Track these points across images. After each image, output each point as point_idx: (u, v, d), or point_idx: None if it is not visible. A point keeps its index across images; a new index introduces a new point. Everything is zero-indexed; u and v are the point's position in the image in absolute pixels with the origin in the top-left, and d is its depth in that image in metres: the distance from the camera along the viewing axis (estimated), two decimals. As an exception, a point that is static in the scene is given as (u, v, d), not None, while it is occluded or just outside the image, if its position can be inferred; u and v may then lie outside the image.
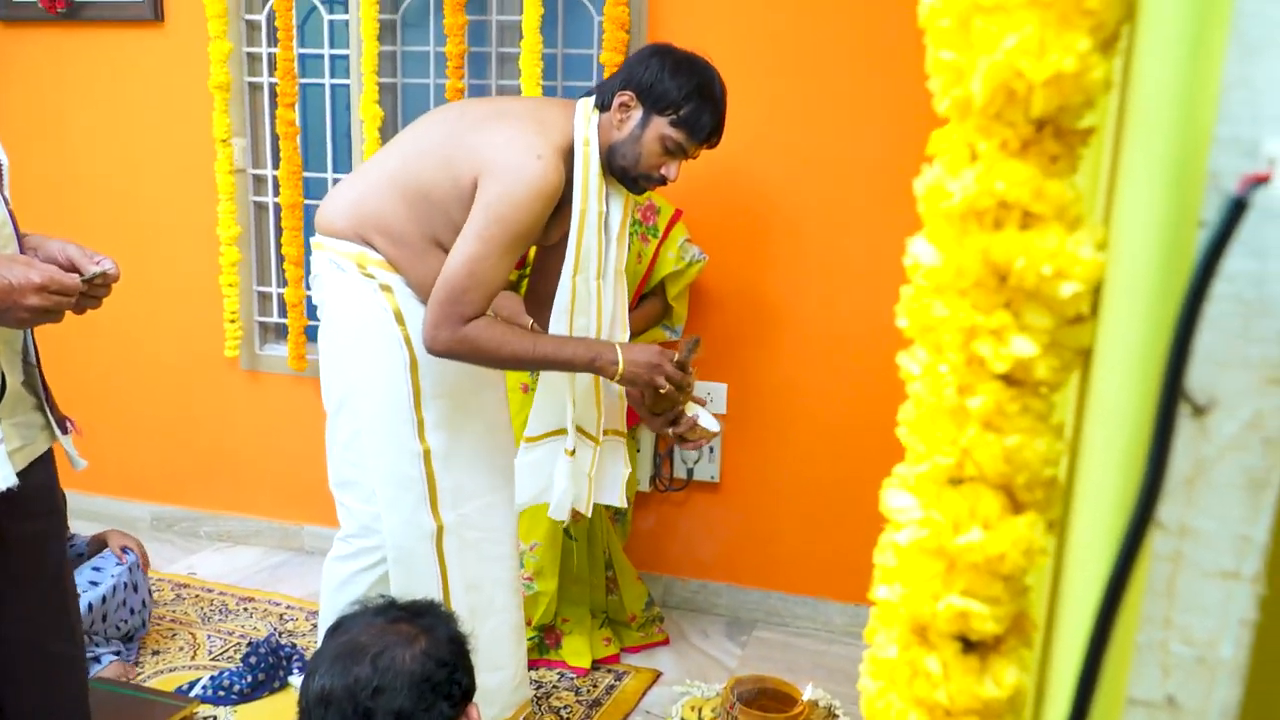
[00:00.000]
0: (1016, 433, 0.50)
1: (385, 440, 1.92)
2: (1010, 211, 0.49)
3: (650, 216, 2.65)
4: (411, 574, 1.95)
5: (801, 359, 2.86)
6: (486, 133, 1.83)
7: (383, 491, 1.94)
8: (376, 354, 1.90)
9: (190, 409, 3.37)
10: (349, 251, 1.88)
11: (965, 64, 0.49)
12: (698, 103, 1.83)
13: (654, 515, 3.05)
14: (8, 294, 1.29)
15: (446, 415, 1.95)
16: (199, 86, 3.11)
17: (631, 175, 1.88)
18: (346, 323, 1.91)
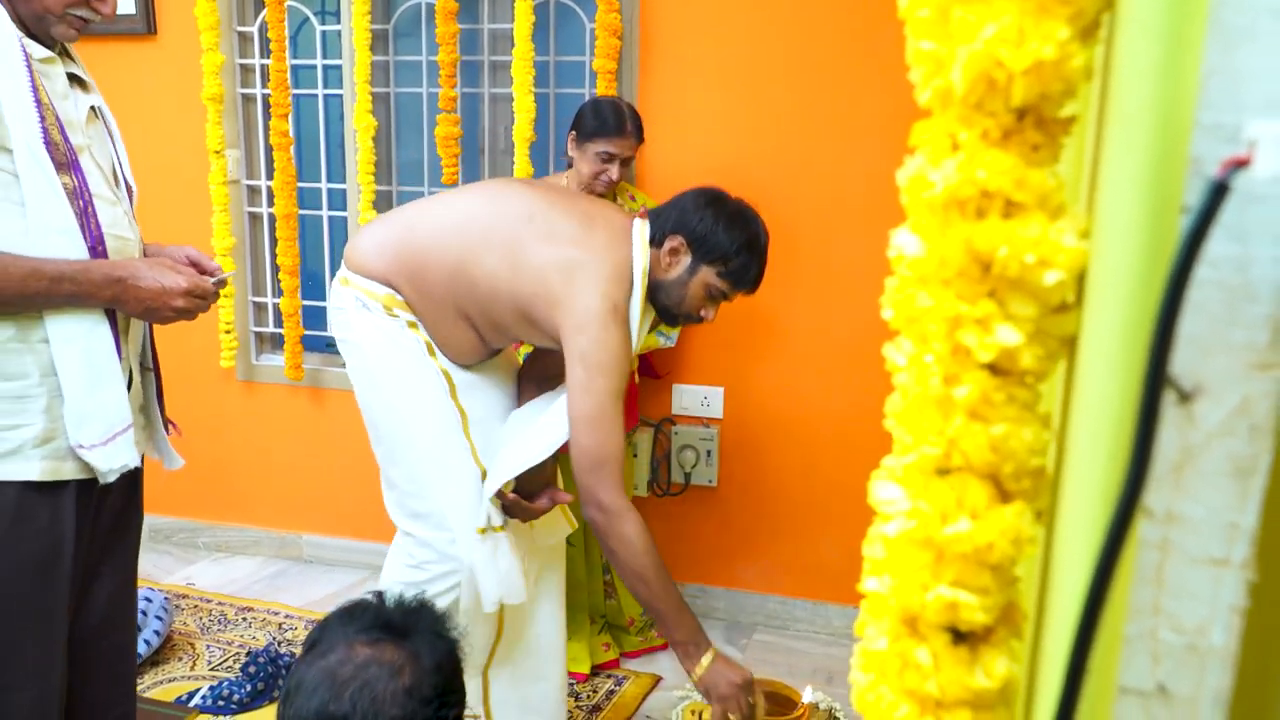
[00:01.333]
0: (1003, 422, 0.50)
1: (446, 468, 1.91)
2: (992, 200, 0.49)
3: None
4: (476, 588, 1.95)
5: (797, 362, 2.86)
6: (564, 259, 1.81)
7: (454, 517, 1.92)
8: (418, 386, 1.90)
9: (187, 420, 3.35)
10: (376, 292, 1.89)
11: (945, 54, 0.49)
12: (747, 257, 1.88)
13: (652, 520, 3.04)
14: (159, 296, 1.49)
15: (492, 435, 1.96)
16: (192, 99, 3.11)
17: (673, 313, 1.94)
18: (383, 360, 1.91)
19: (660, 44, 2.82)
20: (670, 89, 2.83)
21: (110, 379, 1.49)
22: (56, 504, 1.49)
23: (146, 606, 2.70)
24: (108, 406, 1.49)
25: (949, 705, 0.53)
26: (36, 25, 1.47)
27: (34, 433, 1.44)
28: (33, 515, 1.46)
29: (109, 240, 1.50)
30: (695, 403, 2.95)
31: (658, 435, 2.96)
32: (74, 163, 1.45)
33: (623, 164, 2.51)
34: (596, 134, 2.47)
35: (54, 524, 1.49)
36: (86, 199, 1.46)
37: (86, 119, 1.55)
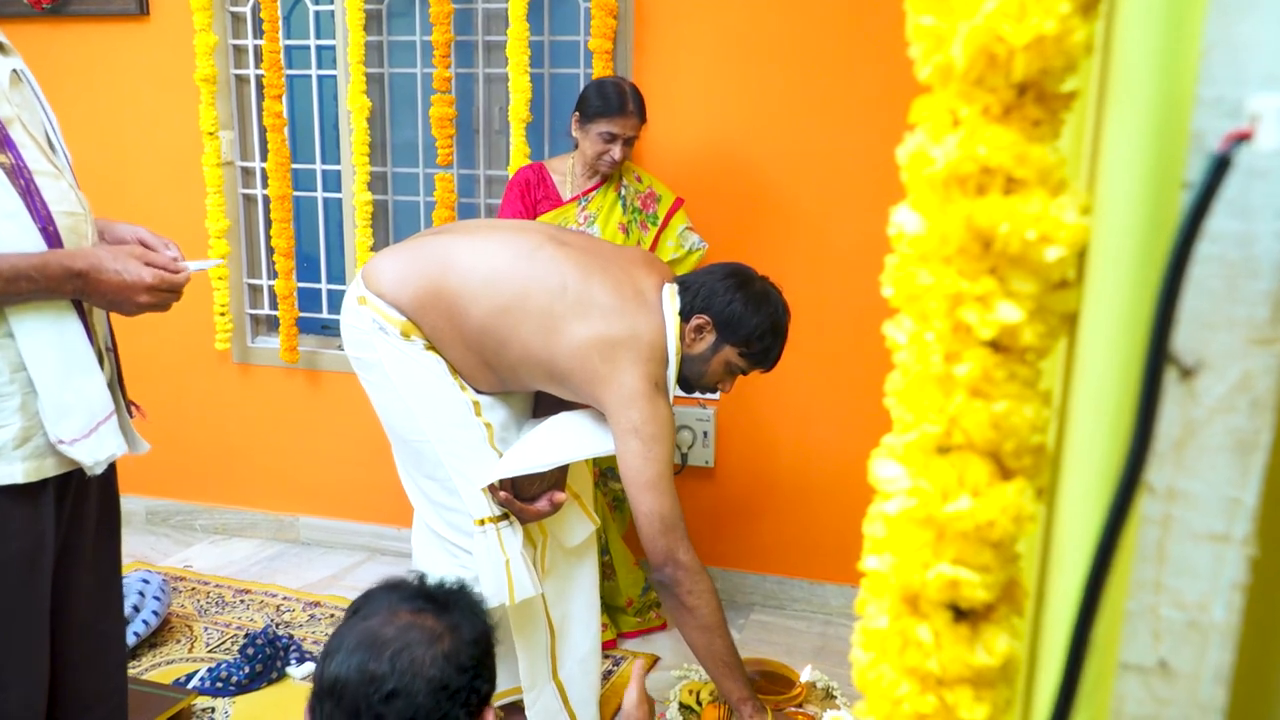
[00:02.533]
0: (1004, 399, 0.50)
1: (477, 483, 1.94)
2: (993, 177, 0.48)
3: (650, 204, 2.65)
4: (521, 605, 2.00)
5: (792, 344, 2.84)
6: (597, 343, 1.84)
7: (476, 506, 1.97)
8: (444, 405, 1.93)
9: (183, 403, 3.36)
10: (394, 318, 1.91)
11: (945, 29, 0.48)
12: (770, 341, 1.96)
13: (650, 501, 3.05)
14: (122, 290, 1.41)
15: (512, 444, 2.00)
16: (185, 80, 3.09)
17: (692, 385, 2.01)
18: (407, 379, 1.93)
19: (656, 23, 2.80)
20: (666, 68, 2.81)
21: (86, 367, 1.44)
22: (36, 501, 1.45)
23: (144, 588, 2.70)
24: (87, 396, 1.43)
25: (950, 683, 0.53)
26: None
27: (12, 433, 1.39)
28: (13, 515, 1.42)
29: (59, 219, 1.41)
30: (692, 384, 2.95)
31: (655, 416, 2.96)
32: (5, 139, 1.37)
33: (626, 144, 2.50)
34: (600, 114, 2.47)
35: (34, 521, 1.45)
36: (27, 177, 1.37)
37: (10, 83, 1.43)
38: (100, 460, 1.45)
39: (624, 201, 2.61)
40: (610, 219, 2.59)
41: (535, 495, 1.97)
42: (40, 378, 1.39)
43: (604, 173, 2.55)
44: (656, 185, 2.68)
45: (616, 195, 2.61)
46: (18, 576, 1.44)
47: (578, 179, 2.61)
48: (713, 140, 2.81)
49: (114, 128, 3.26)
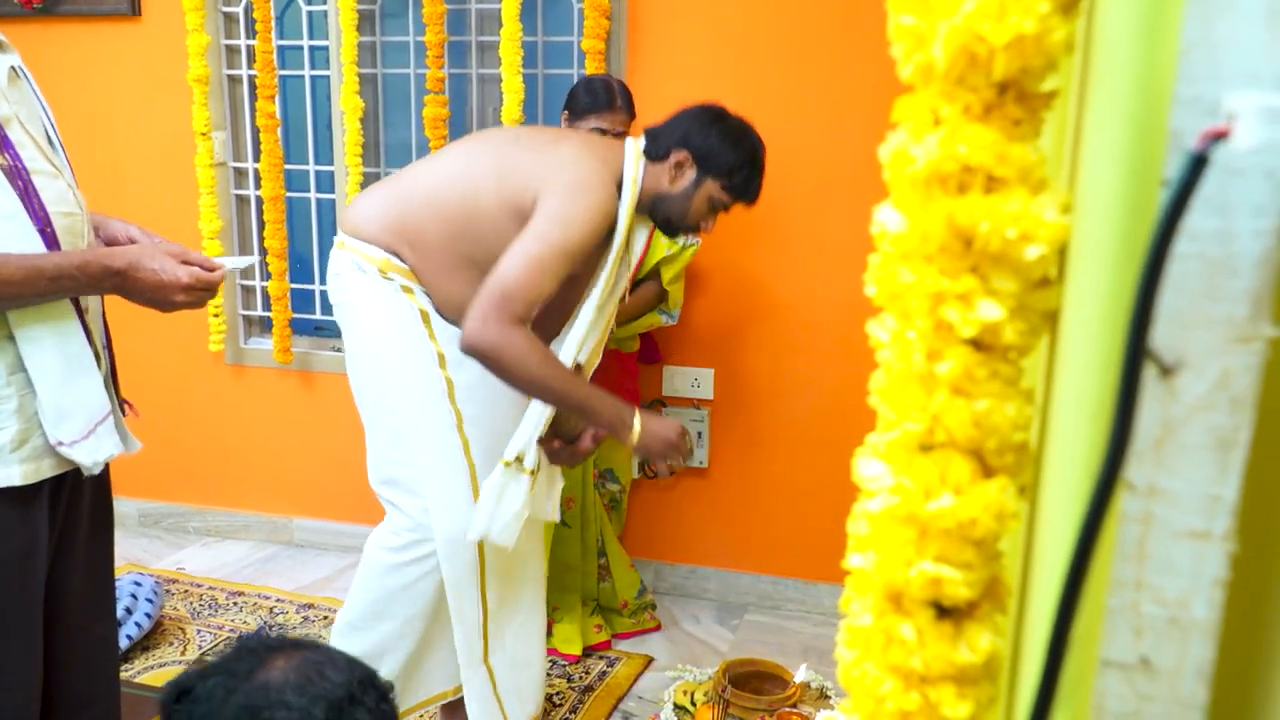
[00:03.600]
0: (986, 397, 0.50)
1: (428, 435, 1.93)
2: (974, 176, 0.49)
3: None
4: (456, 566, 1.96)
5: (787, 344, 2.86)
6: (549, 154, 1.88)
7: (431, 485, 1.94)
8: (407, 351, 1.92)
9: (176, 404, 3.36)
10: (373, 256, 1.90)
11: (926, 29, 0.48)
12: (750, 171, 1.96)
13: (643, 502, 3.05)
14: (159, 289, 1.43)
15: (480, 410, 1.97)
16: (178, 80, 3.09)
17: (675, 225, 2.00)
18: (375, 322, 1.93)
19: (649, 24, 2.80)
20: (659, 68, 2.82)
21: (85, 367, 1.44)
22: (31, 503, 1.44)
23: (136, 591, 2.70)
24: (86, 397, 1.44)
25: (933, 680, 0.53)
26: None
27: (9, 436, 1.38)
28: (8, 517, 1.41)
29: (56, 219, 1.41)
30: (686, 384, 2.95)
31: (648, 417, 2.97)
32: (3, 139, 1.36)
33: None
34: (588, 110, 2.49)
35: (29, 523, 1.44)
36: (25, 178, 1.37)
37: (8, 80, 1.43)
38: (99, 460, 1.46)
39: None
40: None
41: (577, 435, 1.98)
42: (41, 380, 1.39)
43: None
44: None
45: None
46: (12, 578, 1.44)
47: None
48: (706, 141, 2.82)
49: (106, 128, 3.25)
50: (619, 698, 2.48)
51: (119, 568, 3.06)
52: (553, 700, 2.45)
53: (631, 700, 2.48)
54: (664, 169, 1.94)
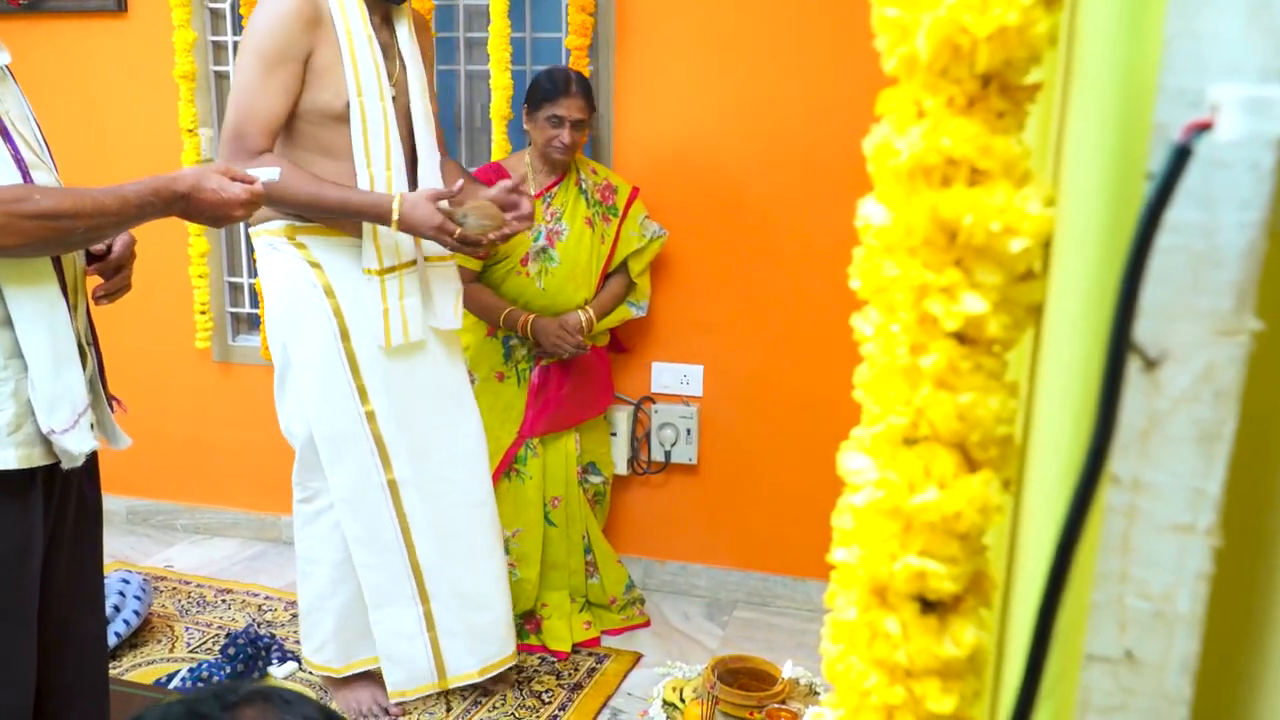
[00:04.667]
0: (970, 391, 0.50)
1: (327, 408, 2.09)
2: (958, 168, 0.48)
3: (609, 196, 2.66)
4: (366, 524, 2.14)
5: (775, 341, 2.86)
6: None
7: (326, 451, 2.11)
8: (308, 328, 2.07)
9: (164, 402, 3.34)
10: (276, 228, 2.08)
11: (910, 21, 0.48)
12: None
13: (632, 498, 3.05)
14: (221, 205, 1.53)
15: (389, 378, 2.12)
16: (164, 76, 3.07)
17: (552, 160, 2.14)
18: (278, 300, 2.10)
19: (635, 21, 2.80)
20: (645, 65, 2.81)
21: (71, 359, 1.46)
22: (26, 495, 1.45)
23: (124, 588, 2.68)
24: (72, 388, 1.45)
25: (918, 674, 0.53)
26: None
27: (6, 419, 1.39)
28: (4, 510, 1.42)
29: None
30: (675, 381, 2.95)
31: (637, 414, 2.96)
32: (4, 131, 1.40)
33: (574, 127, 2.51)
34: (544, 99, 2.50)
35: (24, 515, 1.45)
36: (24, 168, 1.40)
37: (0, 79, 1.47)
38: (83, 451, 1.46)
39: (586, 195, 2.62)
40: (576, 213, 2.60)
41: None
42: (37, 366, 1.41)
43: (556, 159, 2.55)
44: (612, 177, 2.69)
45: (578, 190, 2.61)
46: (9, 572, 1.44)
47: (537, 175, 2.60)
48: (691, 136, 2.82)
49: (93, 124, 3.23)
50: (608, 695, 2.48)
51: (107, 565, 3.04)
52: (541, 698, 2.44)
53: (620, 697, 2.48)
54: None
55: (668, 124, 2.82)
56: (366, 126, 1.98)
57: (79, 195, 1.37)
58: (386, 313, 2.05)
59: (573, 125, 2.50)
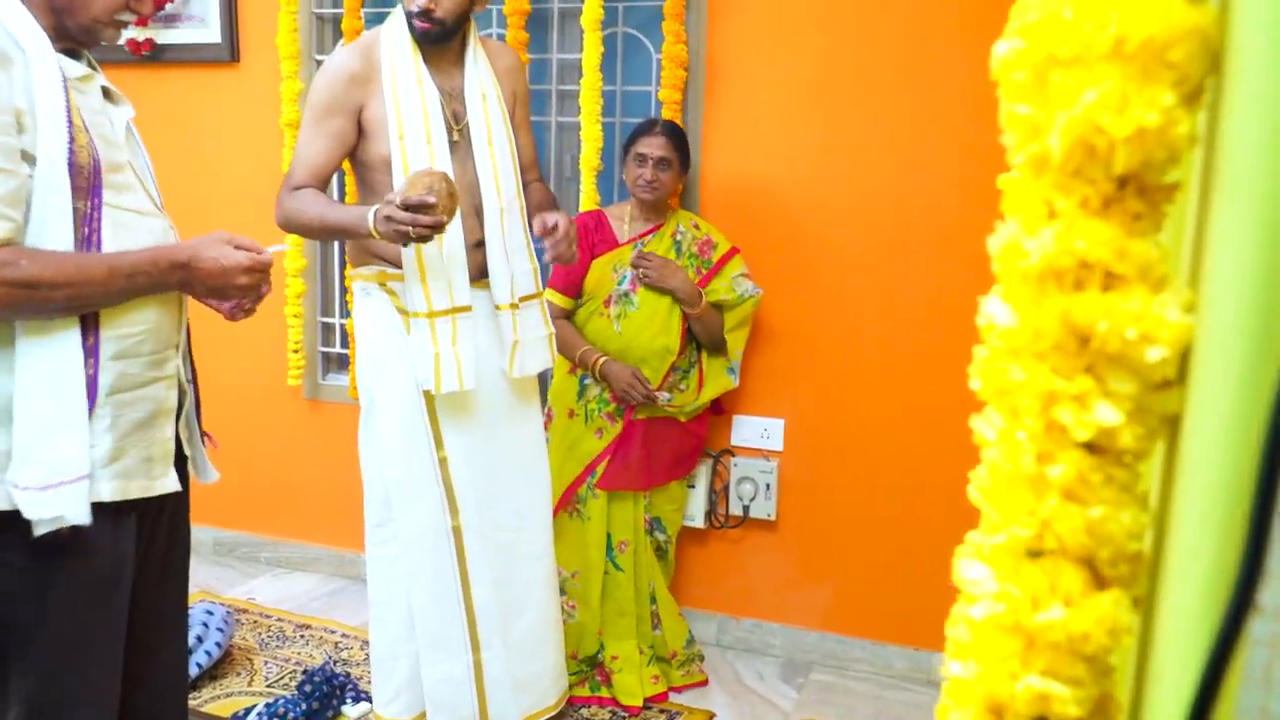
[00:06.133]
0: (1100, 504, 0.48)
1: (403, 452, 2.13)
2: (1091, 272, 0.47)
3: (706, 250, 2.67)
4: (428, 568, 2.15)
5: (859, 397, 2.81)
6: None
7: (397, 494, 2.14)
8: (392, 373, 2.12)
9: (254, 436, 3.43)
10: (369, 274, 2.15)
11: (1042, 118, 0.47)
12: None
13: (708, 552, 3.01)
14: (221, 275, 1.47)
15: (464, 425, 2.14)
16: (270, 124, 3.19)
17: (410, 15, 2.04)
18: (366, 343, 2.17)
19: (725, 74, 2.82)
20: (735, 118, 2.82)
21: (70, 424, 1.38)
22: (121, 523, 1.49)
23: (208, 619, 2.74)
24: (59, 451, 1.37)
25: (1034, 799, 0.50)
26: (85, 36, 1.47)
27: (102, 451, 1.42)
28: (99, 534, 1.45)
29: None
30: (755, 434, 2.92)
31: (716, 466, 2.94)
32: (94, 187, 1.41)
33: (656, 165, 2.54)
34: (631, 140, 2.59)
35: (118, 542, 1.49)
36: (94, 227, 1.42)
37: (125, 133, 1.53)
38: (44, 519, 1.36)
39: (679, 246, 2.63)
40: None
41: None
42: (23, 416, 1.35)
43: (646, 199, 2.58)
44: (714, 234, 2.70)
45: (673, 240, 2.63)
46: (99, 597, 1.48)
47: (634, 222, 2.64)
48: (779, 188, 2.81)
49: (202, 168, 3.37)
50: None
51: (191, 595, 3.11)
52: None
53: (692, 757, 2.43)
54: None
55: (755, 175, 2.82)
56: (408, 172, 2.03)
57: (65, 263, 1.34)
58: (437, 357, 2.06)
59: (656, 163, 2.54)
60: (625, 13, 2.96)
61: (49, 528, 1.37)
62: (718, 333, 2.65)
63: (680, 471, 2.74)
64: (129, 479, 1.46)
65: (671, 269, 2.57)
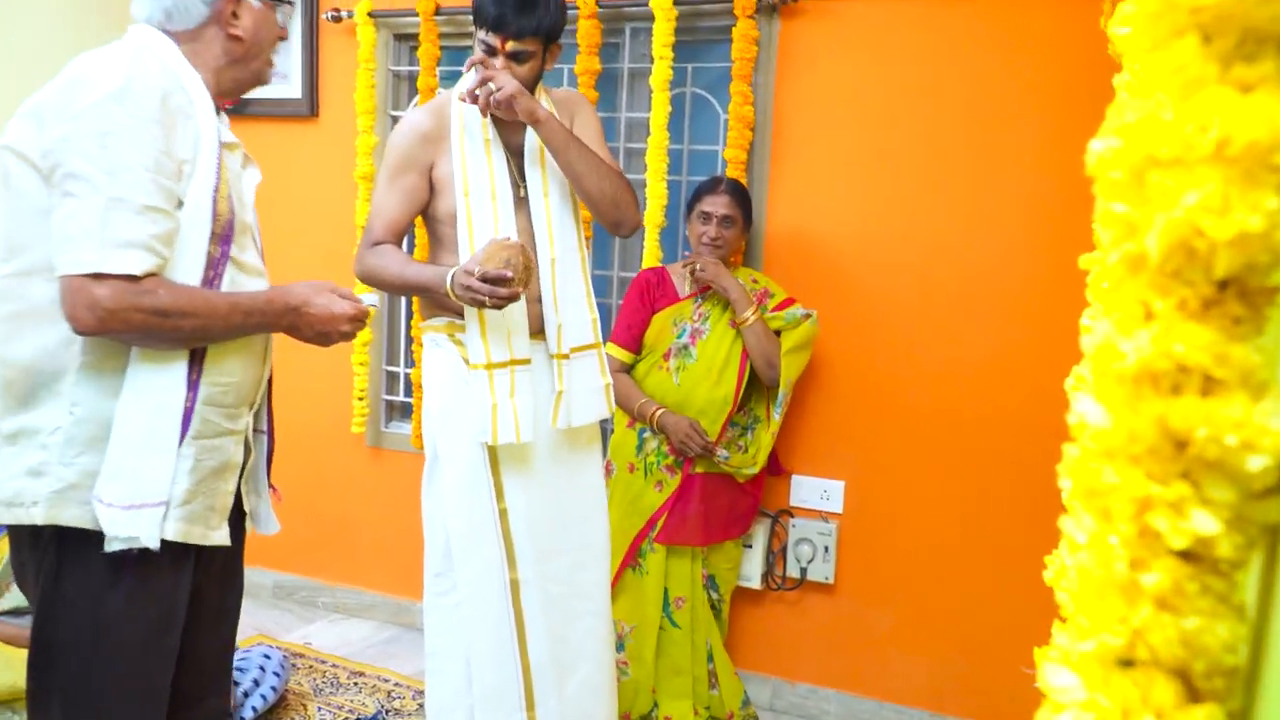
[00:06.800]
0: (1195, 614, 0.46)
1: (465, 503, 2.11)
2: (1190, 376, 0.45)
3: (764, 300, 2.67)
4: (486, 621, 2.12)
5: (922, 459, 2.77)
6: None
7: (458, 545, 2.12)
8: (458, 423, 2.11)
9: (317, 481, 3.48)
10: (439, 325, 2.16)
11: (1139, 218, 0.46)
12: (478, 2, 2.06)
13: (764, 613, 2.97)
14: (329, 321, 1.59)
15: (526, 477, 2.13)
16: (345, 176, 3.29)
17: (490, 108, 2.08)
18: (434, 394, 2.17)
19: (791, 134, 2.83)
20: (800, 178, 2.83)
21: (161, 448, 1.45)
22: (179, 567, 1.51)
23: (265, 663, 2.76)
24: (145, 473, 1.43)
25: None
26: (255, 80, 1.64)
27: (179, 490, 1.46)
28: (158, 577, 1.48)
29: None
30: (814, 495, 2.88)
31: (774, 527, 2.90)
32: (227, 236, 1.51)
33: (720, 223, 2.57)
34: (695, 198, 2.63)
35: (174, 590, 1.51)
36: (218, 272, 1.50)
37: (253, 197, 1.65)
38: (119, 536, 1.41)
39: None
40: (723, 316, 2.62)
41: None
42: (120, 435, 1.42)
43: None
44: (771, 285, 2.70)
45: None
46: (150, 640, 1.50)
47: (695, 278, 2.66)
48: (843, 247, 2.80)
49: (279, 217, 3.46)
50: (731, 824, 2.38)
51: (250, 637, 3.15)
52: (663, 819, 2.36)
53: (744, 828, 2.37)
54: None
55: (819, 234, 2.82)
56: (472, 227, 2.07)
57: (195, 296, 1.43)
58: (494, 409, 2.06)
59: (720, 221, 2.57)
60: (694, 73, 3.00)
61: (120, 546, 1.41)
62: (773, 352, 2.61)
63: (736, 530, 2.71)
64: (191, 523, 1.49)
65: (726, 272, 2.59)
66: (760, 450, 2.65)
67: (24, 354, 1.44)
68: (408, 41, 3.27)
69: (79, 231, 1.35)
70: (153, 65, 1.46)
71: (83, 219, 1.35)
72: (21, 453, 1.44)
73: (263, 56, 1.64)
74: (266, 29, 1.62)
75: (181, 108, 1.46)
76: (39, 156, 1.40)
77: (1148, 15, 0.48)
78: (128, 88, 1.39)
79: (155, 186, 1.39)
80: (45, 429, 1.43)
